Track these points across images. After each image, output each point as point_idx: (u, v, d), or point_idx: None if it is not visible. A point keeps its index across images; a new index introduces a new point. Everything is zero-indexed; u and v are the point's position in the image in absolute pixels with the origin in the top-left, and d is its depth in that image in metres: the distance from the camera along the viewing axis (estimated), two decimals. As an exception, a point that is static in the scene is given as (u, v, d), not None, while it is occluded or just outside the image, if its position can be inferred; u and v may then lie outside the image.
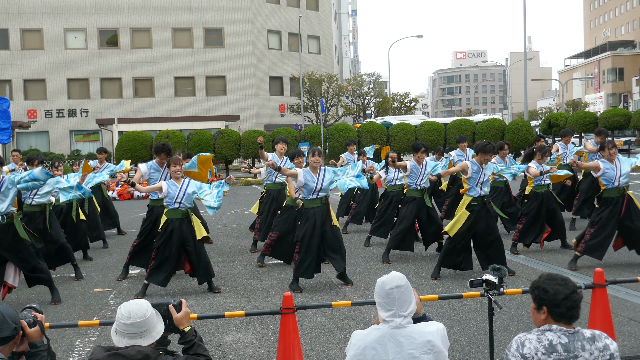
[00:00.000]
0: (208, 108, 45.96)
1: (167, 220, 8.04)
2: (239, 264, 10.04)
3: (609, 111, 34.74)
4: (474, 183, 8.34)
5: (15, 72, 44.43)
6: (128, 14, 45.58)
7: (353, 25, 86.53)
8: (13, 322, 3.09)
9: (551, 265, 9.08)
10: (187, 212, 8.12)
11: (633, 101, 68.58)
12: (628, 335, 5.91)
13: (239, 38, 46.99)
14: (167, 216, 8.04)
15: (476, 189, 8.34)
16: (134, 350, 3.04)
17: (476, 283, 4.38)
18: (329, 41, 54.41)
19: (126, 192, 22.72)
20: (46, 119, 44.69)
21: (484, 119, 34.90)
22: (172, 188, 7.99)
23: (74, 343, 6.30)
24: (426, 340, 3.23)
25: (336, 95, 49.36)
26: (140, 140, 30.48)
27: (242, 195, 22.63)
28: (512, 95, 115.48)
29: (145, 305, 3.19)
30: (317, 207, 8.16)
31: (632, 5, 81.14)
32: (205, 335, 6.31)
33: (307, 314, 6.85)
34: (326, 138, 33.10)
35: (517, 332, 5.95)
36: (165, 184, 8.05)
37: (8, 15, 44.05)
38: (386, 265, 9.60)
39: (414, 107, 56.82)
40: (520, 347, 2.98)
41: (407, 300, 3.29)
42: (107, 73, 45.54)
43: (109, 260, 10.79)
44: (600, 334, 3.04)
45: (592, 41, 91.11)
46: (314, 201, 8.17)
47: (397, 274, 3.36)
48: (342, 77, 67.13)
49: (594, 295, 5.27)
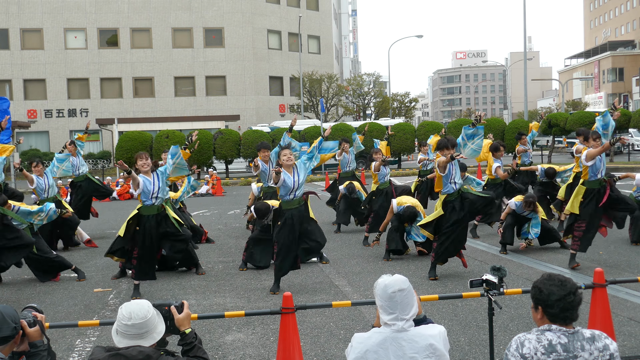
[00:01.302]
0: (208, 108, 45.96)
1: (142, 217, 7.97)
2: (239, 264, 10.03)
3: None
4: (447, 180, 8.30)
5: (15, 72, 44.43)
6: (128, 14, 45.58)
7: (353, 25, 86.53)
8: (13, 321, 3.09)
9: (551, 265, 9.08)
10: (162, 206, 8.09)
11: (633, 101, 68.58)
12: (628, 335, 5.91)
13: (239, 38, 46.99)
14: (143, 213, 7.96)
15: (449, 185, 8.31)
16: (135, 350, 3.04)
17: (476, 283, 4.38)
18: (329, 41, 54.41)
19: (126, 192, 22.73)
20: (46, 119, 44.69)
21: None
22: (147, 183, 7.89)
23: (74, 343, 6.30)
24: (428, 343, 3.22)
25: (336, 95, 49.35)
26: (140, 140, 30.46)
27: (242, 195, 22.62)
28: (512, 95, 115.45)
29: (147, 306, 3.18)
30: (295, 209, 7.96)
31: (632, 5, 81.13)
32: (205, 335, 6.31)
33: (307, 314, 6.85)
34: (326, 138, 33.01)
35: (517, 332, 5.95)
36: (142, 178, 7.91)
37: (8, 15, 44.05)
38: (386, 265, 9.60)
39: (413, 107, 56.75)
40: (520, 347, 2.98)
41: (410, 304, 3.28)
42: (107, 73, 45.54)
43: (109, 260, 10.77)
44: (600, 334, 3.04)
45: (592, 41, 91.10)
46: (291, 202, 7.93)
47: (400, 277, 3.34)
48: (342, 77, 67.12)
49: (594, 295, 5.27)
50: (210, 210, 18.12)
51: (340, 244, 11.60)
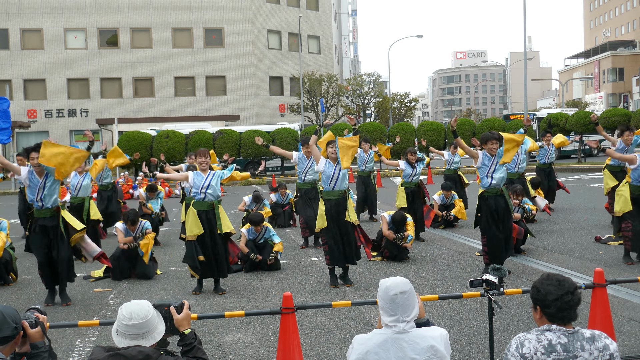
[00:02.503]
0: (208, 108, 45.97)
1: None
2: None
3: (609, 111, 34.69)
4: (484, 173, 8.43)
5: (15, 72, 44.44)
6: (128, 14, 45.58)
7: (353, 25, 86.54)
8: (13, 321, 3.09)
9: (551, 265, 9.07)
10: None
11: (633, 101, 68.54)
12: (628, 335, 5.91)
13: (239, 38, 46.99)
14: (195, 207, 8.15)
15: (486, 179, 8.42)
16: (135, 350, 3.04)
17: (476, 283, 4.38)
18: (329, 41, 54.41)
19: (127, 193, 22.73)
20: (46, 118, 44.68)
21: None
22: (197, 178, 8.17)
23: (74, 343, 6.30)
24: (429, 345, 3.22)
25: (336, 95, 49.35)
26: (140, 140, 30.47)
27: (242, 195, 22.60)
28: (512, 95, 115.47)
29: (147, 306, 3.18)
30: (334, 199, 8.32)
31: (632, 5, 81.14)
32: (205, 335, 6.31)
33: (307, 314, 6.85)
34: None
35: (517, 332, 5.95)
36: (192, 173, 8.23)
37: (8, 15, 44.06)
38: (386, 265, 9.60)
39: (413, 107, 56.76)
40: (520, 346, 2.99)
41: (411, 306, 3.28)
42: (107, 73, 45.54)
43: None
44: (600, 334, 3.04)
45: (592, 41, 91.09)
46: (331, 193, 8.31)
47: (402, 280, 3.34)
48: (342, 77, 67.13)
49: (594, 295, 5.27)
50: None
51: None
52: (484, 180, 8.46)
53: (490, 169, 8.41)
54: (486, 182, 8.44)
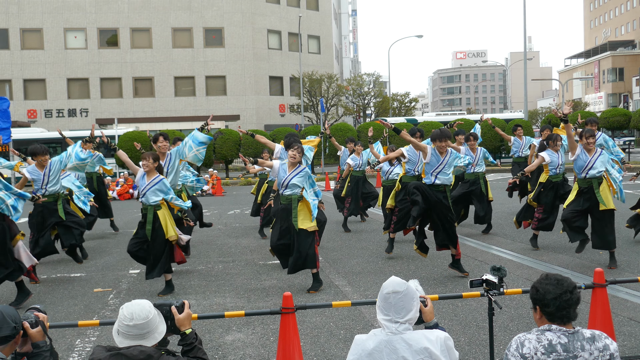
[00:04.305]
0: (208, 108, 45.98)
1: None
2: (239, 264, 10.05)
3: (608, 111, 34.74)
4: (429, 170, 8.34)
5: (15, 72, 44.45)
6: (128, 14, 45.59)
7: (353, 25, 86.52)
8: (13, 321, 3.09)
9: (551, 265, 9.08)
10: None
11: (633, 101, 68.57)
12: (628, 335, 5.91)
13: (239, 38, 47.01)
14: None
15: (430, 177, 8.35)
16: (136, 350, 3.04)
17: (476, 283, 4.38)
18: (329, 41, 54.42)
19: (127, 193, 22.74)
20: (46, 118, 44.70)
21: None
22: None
23: (74, 343, 6.30)
24: (423, 347, 3.19)
25: (336, 95, 49.35)
26: (140, 140, 30.46)
27: (242, 195, 22.64)
28: (512, 95, 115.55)
29: (148, 306, 3.19)
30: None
31: (632, 5, 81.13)
32: (205, 335, 6.31)
33: (307, 314, 6.85)
34: (326, 138, 33.05)
35: (517, 332, 5.95)
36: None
37: (8, 15, 44.08)
38: (386, 265, 9.60)
39: (414, 107, 56.75)
40: (520, 347, 2.99)
41: (405, 308, 3.24)
42: (107, 73, 45.56)
43: (109, 260, 10.79)
44: (600, 334, 3.04)
45: (592, 41, 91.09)
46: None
47: (397, 280, 3.31)
48: (342, 77, 67.12)
49: (594, 295, 5.27)
50: (210, 210, 18.12)
51: (340, 244, 11.61)
52: (427, 178, 8.38)
53: (437, 168, 8.30)
54: (429, 181, 8.37)
